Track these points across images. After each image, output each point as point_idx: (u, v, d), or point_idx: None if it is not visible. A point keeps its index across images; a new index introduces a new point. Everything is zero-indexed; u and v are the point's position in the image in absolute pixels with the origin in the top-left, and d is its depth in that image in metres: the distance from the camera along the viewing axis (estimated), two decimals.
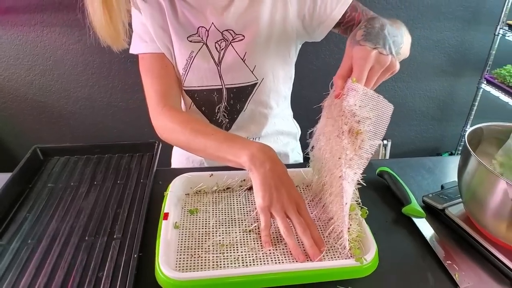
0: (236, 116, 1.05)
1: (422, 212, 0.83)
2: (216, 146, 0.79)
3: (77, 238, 0.76)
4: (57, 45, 1.73)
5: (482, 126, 0.85)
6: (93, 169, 0.97)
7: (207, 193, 0.85)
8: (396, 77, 2.04)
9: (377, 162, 1.03)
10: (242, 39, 0.93)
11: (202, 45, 0.94)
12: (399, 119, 2.20)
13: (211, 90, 0.99)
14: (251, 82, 0.99)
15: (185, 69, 0.96)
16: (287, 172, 0.74)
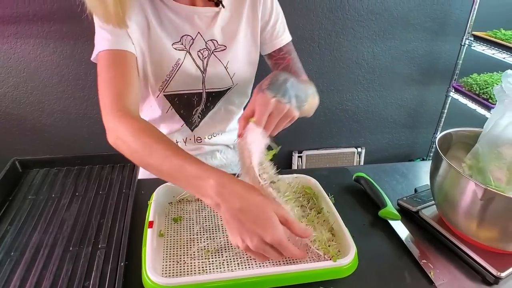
0: (206, 115, 1.10)
1: (397, 214, 0.88)
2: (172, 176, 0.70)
3: (61, 249, 0.75)
4: (32, 57, 1.71)
5: (451, 132, 0.90)
6: (74, 180, 0.96)
7: (190, 201, 0.87)
8: (368, 86, 2.12)
9: (354, 168, 1.07)
10: (224, 49, 1.00)
11: (186, 53, 0.97)
12: (372, 127, 2.28)
13: (192, 94, 1.03)
14: (227, 86, 1.05)
15: (170, 75, 0.97)
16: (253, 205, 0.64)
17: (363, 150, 2.26)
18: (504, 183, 0.77)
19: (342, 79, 2.06)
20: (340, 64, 2.01)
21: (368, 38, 1.99)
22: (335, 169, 0.94)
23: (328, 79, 2.03)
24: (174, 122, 1.08)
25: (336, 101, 2.12)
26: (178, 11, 0.94)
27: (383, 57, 2.06)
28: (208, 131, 1.13)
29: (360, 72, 2.07)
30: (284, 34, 1.08)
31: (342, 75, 2.05)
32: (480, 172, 0.81)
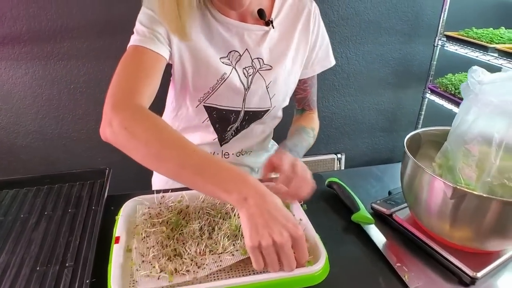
0: (239, 133, 1.10)
1: (370, 218, 0.87)
2: (197, 169, 0.67)
3: (28, 269, 0.74)
4: (4, 79, 1.69)
5: (419, 132, 0.91)
6: (43, 199, 0.95)
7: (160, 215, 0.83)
8: (344, 92, 2.13)
9: (327, 174, 1.07)
10: (269, 69, 1.01)
11: (232, 69, 0.98)
12: (350, 132, 2.29)
13: (231, 110, 1.03)
14: (266, 108, 1.06)
15: (213, 88, 0.98)
16: (280, 204, 0.65)
17: (343, 156, 2.27)
18: (474, 181, 0.76)
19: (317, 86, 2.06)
20: None
21: (341, 43, 2.00)
22: None
23: None
24: (207, 133, 1.08)
25: None
26: (228, 26, 0.95)
27: (357, 61, 2.08)
28: (236, 147, 1.13)
29: (335, 77, 2.08)
30: (318, 64, 1.10)
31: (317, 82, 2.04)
32: (450, 171, 0.81)
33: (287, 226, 0.62)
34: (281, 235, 0.61)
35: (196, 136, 1.09)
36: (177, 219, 0.79)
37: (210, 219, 0.80)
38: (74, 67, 1.67)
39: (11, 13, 1.58)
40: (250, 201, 0.63)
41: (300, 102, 1.17)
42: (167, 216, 0.80)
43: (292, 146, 0.98)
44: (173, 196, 0.86)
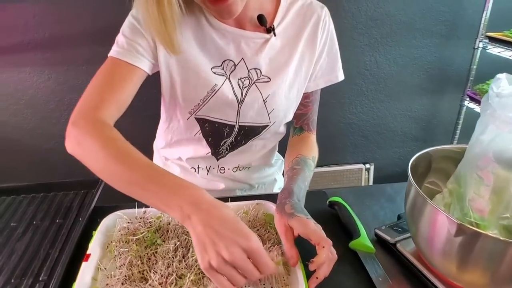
0: (235, 149, 1.02)
1: (371, 247, 0.78)
2: (142, 184, 0.65)
3: (3, 280, 0.73)
4: (29, 84, 1.74)
5: (429, 151, 0.80)
6: (35, 208, 0.94)
7: (138, 234, 0.77)
8: (373, 97, 2.02)
9: (331, 191, 0.99)
10: (267, 81, 0.92)
11: (225, 80, 0.90)
12: (379, 141, 2.16)
13: (224, 124, 0.96)
14: (264, 123, 0.97)
15: (203, 100, 0.91)
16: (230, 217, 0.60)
17: (371, 166, 2.14)
18: (487, 215, 0.64)
19: (344, 91, 1.97)
20: None
21: (370, 46, 1.89)
22: (310, 193, 0.86)
23: (328, 92, 1.86)
24: (201, 147, 1.01)
25: (339, 114, 2.02)
26: (224, 33, 0.88)
27: (388, 65, 1.96)
28: (233, 163, 1.05)
29: (364, 82, 1.97)
30: (322, 78, 0.99)
31: (343, 87, 1.94)
32: (460, 200, 0.69)
33: (236, 240, 0.57)
34: (229, 252, 0.56)
35: (189, 150, 1.03)
36: (152, 237, 0.75)
37: (187, 239, 0.75)
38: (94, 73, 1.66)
39: (35, 20, 1.62)
40: (194, 219, 0.59)
41: (299, 119, 1.04)
42: (143, 233, 0.76)
43: (298, 192, 0.82)
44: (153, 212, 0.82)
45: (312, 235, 0.69)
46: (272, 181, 1.18)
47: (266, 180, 1.15)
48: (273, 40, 0.91)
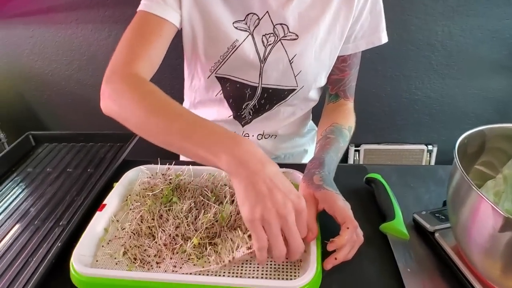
0: (260, 114, 0.97)
1: (405, 232, 0.69)
2: (184, 133, 0.60)
3: (27, 221, 0.76)
4: (90, 41, 1.79)
5: (484, 129, 0.68)
6: (72, 156, 0.97)
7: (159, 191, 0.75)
8: (443, 73, 1.82)
9: (372, 167, 0.89)
10: (295, 38, 0.84)
11: (248, 35, 0.83)
12: (446, 121, 1.94)
13: (246, 85, 0.90)
14: (290, 87, 0.90)
15: (223, 57, 0.85)
16: (280, 173, 0.56)
17: (434, 148, 1.96)
18: None
19: (410, 64, 1.78)
20: (408, 46, 1.73)
21: (444, 15, 1.67)
22: (349, 166, 0.78)
23: (393, 63, 1.76)
24: (223, 109, 0.96)
25: (403, 89, 1.85)
26: None
27: (463, 38, 1.74)
28: (258, 129, 0.99)
29: (433, 55, 1.77)
30: (363, 39, 0.89)
31: (410, 59, 1.76)
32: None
33: (290, 197, 0.53)
34: (285, 206, 0.52)
35: (212, 111, 0.98)
36: (168, 194, 0.73)
37: (203, 201, 0.72)
38: None
39: None
40: (248, 167, 0.54)
41: (334, 85, 0.94)
42: (162, 189, 0.74)
43: (329, 163, 0.75)
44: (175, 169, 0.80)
45: (338, 213, 0.63)
46: (302, 152, 1.10)
47: (294, 151, 1.08)
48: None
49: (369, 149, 1.93)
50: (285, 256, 0.55)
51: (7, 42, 1.87)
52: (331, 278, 0.61)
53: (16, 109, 2.08)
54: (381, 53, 1.74)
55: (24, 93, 2.02)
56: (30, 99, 2.03)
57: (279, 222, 0.52)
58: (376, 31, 0.88)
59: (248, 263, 0.62)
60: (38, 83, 1.97)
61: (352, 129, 0.90)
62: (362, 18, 0.86)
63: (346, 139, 0.86)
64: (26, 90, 2.01)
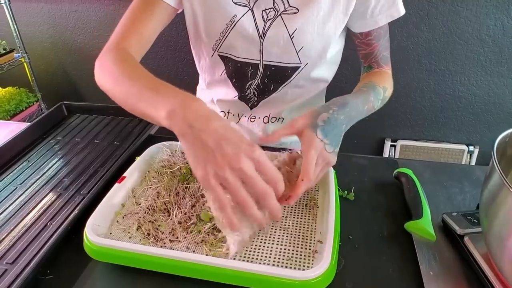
0: (266, 96, 0.94)
1: (431, 233, 0.65)
2: (138, 95, 0.60)
3: (51, 187, 0.78)
4: None
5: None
6: (100, 128, 0.99)
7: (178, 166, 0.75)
8: (491, 70, 1.72)
9: (404, 162, 0.85)
10: (295, 12, 0.80)
11: (248, 11, 0.81)
12: (491, 122, 1.85)
13: (247, 63, 0.87)
14: (293, 64, 0.86)
15: (223, 34, 0.83)
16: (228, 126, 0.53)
17: (476, 149, 1.86)
18: None
19: (457, 58, 1.69)
20: (455, 39, 1.65)
21: (497, 7, 1.57)
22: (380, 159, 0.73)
23: (438, 56, 1.68)
24: (228, 89, 0.95)
25: (447, 84, 1.76)
26: None
27: None
28: (265, 111, 0.97)
29: (483, 51, 1.67)
30: (382, 14, 0.83)
31: (457, 53, 1.68)
32: None
33: (241, 147, 0.50)
34: (236, 156, 0.49)
35: (222, 91, 0.96)
36: (186, 172, 0.72)
37: None
38: None
39: None
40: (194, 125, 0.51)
41: (366, 59, 0.91)
42: (180, 166, 0.73)
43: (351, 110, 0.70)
44: None
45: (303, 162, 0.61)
46: None
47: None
48: None
49: (406, 145, 1.86)
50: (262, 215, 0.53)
51: (53, 16, 1.92)
52: (346, 272, 0.59)
53: (58, 81, 2.15)
54: (426, 45, 1.66)
55: (66, 66, 2.08)
56: (71, 72, 2.09)
57: (236, 175, 0.49)
58: (394, 3, 0.83)
59: (262, 249, 0.60)
60: (79, 57, 2.02)
61: (387, 91, 0.86)
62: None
63: (378, 96, 0.81)
64: (68, 63, 2.07)
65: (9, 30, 1.94)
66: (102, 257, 0.58)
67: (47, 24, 1.96)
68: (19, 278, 0.57)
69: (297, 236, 0.62)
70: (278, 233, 0.63)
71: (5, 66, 1.90)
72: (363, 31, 0.85)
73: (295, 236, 0.62)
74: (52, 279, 0.60)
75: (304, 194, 0.71)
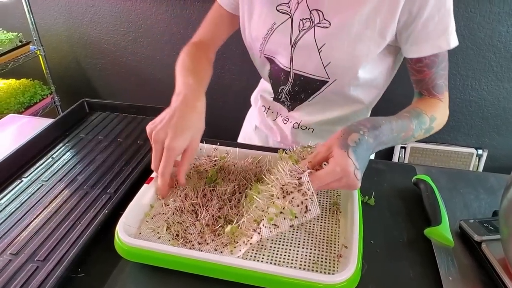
0: (299, 103, 0.95)
1: (449, 239, 0.66)
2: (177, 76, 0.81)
3: (77, 185, 0.80)
4: (148, 14, 1.83)
5: None
6: (123, 126, 1.00)
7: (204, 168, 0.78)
8: (502, 76, 1.73)
9: (422, 168, 0.87)
10: (327, 27, 0.79)
11: (287, 19, 0.83)
12: (500, 126, 1.86)
13: (281, 68, 0.89)
14: (321, 78, 0.85)
15: (265, 39, 0.86)
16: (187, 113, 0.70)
17: (485, 153, 1.87)
18: None
19: (468, 63, 1.71)
20: (468, 44, 1.66)
21: (509, 14, 1.58)
22: (397, 165, 0.74)
23: (450, 61, 1.63)
24: (269, 88, 0.98)
25: (458, 88, 1.78)
26: None
27: None
28: (297, 118, 0.97)
29: (494, 56, 1.68)
30: (428, 43, 0.77)
31: (468, 58, 1.70)
32: None
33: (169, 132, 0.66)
34: (157, 135, 0.66)
35: (266, 89, 1.01)
36: (213, 175, 0.74)
37: (246, 185, 0.72)
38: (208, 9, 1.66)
39: None
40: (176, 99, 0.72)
41: (416, 84, 0.86)
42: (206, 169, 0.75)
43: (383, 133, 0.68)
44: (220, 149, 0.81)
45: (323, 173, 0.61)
46: None
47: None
48: None
49: (416, 147, 1.88)
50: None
51: (69, 9, 1.94)
52: (369, 276, 0.61)
53: (72, 74, 2.16)
54: None
55: (80, 60, 2.10)
56: (85, 66, 2.11)
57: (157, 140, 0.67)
58: (444, 33, 0.77)
59: (288, 252, 0.62)
60: (94, 51, 2.04)
61: (435, 121, 0.80)
62: (424, 16, 0.75)
63: (422, 125, 0.77)
64: (82, 57, 2.09)
65: (24, 22, 1.95)
66: (133, 257, 0.60)
67: (63, 17, 1.97)
68: (51, 275, 0.59)
69: (322, 240, 0.64)
70: (304, 236, 0.65)
71: (21, 59, 1.91)
72: (409, 57, 0.81)
73: (320, 240, 0.65)
74: (83, 277, 0.61)
75: (327, 198, 0.74)
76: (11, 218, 0.71)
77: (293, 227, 0.61)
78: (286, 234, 0.65)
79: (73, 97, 2.21)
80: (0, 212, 0.73)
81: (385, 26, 0.76)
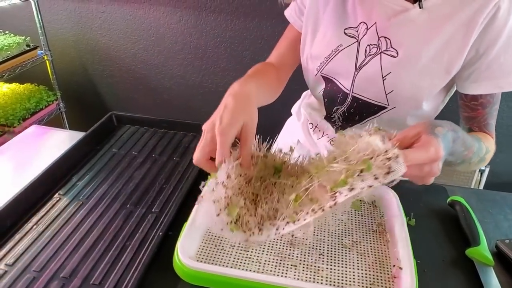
0: (351, 124, 0.95)
1: (490, 259, 0.70)
2: None
3: (119, 204, 0.79)
4: (160, 23, 1.83)
5: None
6: (155, 142, 1.00)
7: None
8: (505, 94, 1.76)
9: (453, 189, 0.90)
10: (394, 56, 0.80)
11: (354, 42, 0.84)
12: (502, 142, 1.90)
13: (339, 89, 0.90)
14: (380, 103, 0.86)
15: (327, 58, 0.88)
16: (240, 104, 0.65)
17: (487, 168, 1.92)
18: None
19: None
20: None
21: None
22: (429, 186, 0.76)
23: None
24: (321, 106, 0.99)
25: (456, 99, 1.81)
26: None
27: None
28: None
29: None
30: (489, 81, 0.77)
31: None
32: None
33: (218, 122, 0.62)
34: (207, 125, 0.64)
35: (315, 107, 1.03)
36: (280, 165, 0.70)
37: None
38: (223, 21, 1.70)
39: None
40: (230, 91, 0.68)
41: (466, 121, 0.86)
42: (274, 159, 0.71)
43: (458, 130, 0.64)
44: None
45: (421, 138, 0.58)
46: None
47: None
48: (416, 12, 0.76)
49: None
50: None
51: (79, 14, 1.92)
52: None
53: (78, 80, 2.14)
54: None
55: (87, 66, 2.08)
56: (92, 72, 2.09)
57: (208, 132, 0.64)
58: (508, 74, 0.76)
59: (344, 274, 0.64)
60: (102, 58, 2.02)
61: (489, 153, 0.80)
62: (491, 55, 0.75)
63: (479, 152, 0.75)
64: (89, 63, 2.07)
65: (31, 26, 1.93)
66: (195, 280, 0.61)
67: (72, 22, 1.96)
68: None
69: (374, 261, 0.67)
70: (356, 257, 0.67)
71: (28, 63, 1.88)
72: (466, 93, 0.81)
73: (372, 261, 0.67)
74: None
75: (371, 218, 0.76)
76: (56, 239, 0.70)
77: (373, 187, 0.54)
78: (339, 254, 0.67)
79: (79, 103, 2.20)
80: (43, 232, 0.71)
81: (452, 62, 0.77)
